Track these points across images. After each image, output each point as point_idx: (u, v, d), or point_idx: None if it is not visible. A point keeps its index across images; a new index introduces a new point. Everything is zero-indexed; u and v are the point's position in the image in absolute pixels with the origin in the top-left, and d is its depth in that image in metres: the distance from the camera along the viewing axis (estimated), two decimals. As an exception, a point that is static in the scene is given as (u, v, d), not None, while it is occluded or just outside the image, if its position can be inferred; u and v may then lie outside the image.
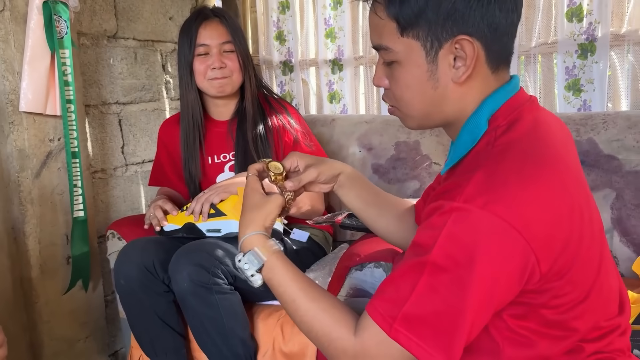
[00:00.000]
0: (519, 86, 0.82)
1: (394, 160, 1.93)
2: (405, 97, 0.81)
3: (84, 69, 1.89)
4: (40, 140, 1.66)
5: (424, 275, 0.69)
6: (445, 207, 0.69)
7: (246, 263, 0.85)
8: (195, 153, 1.65)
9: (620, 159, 1.58)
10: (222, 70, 1.57)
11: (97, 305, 1.89)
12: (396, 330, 0.70)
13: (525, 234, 0.66)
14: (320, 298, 0.81)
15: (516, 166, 0.70)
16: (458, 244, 0.67)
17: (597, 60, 1.81)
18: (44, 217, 1.68)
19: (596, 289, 0.76)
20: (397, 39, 0.77)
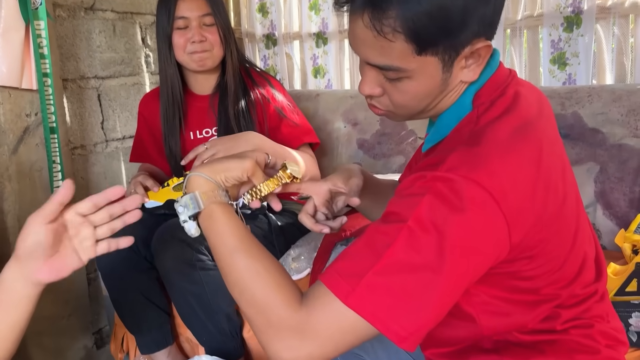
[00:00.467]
0: (499, 61, 0.81)
1: (379, 136, 1.91)
2: (408, 105, 0.77)
3: (61, 41, 1.83)
4: (17, 115, 1.61)
5: (398, 240, 0.65)
6: (428, 177, 0.67)
7: (181, 206, 0.77)
8: (175, 129, 1.61)
9: (605, 132, 1.58)
10: (202, 44, 1.52)
11: (80, 283, 1.86)
12: (355, 297, 0.64)
13: (502, 205, 0.65)
14: (264, 258, 0.73)
15: (496, 141, 0.70)
16: (438, 211, 0.65)
17: (582, 34, 1.80)
18: (22, 194, 1.64)
19: (571, 259, 0.77)
20: (412, 59, 0.70)
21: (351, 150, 1.95)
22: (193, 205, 0.77)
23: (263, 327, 0.68)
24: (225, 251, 0.74)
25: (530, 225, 0.69)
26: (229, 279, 0.74)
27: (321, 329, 0.65)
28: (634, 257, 1.30)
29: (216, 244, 0.76)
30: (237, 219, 0.78)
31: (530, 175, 0.69)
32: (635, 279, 1.21)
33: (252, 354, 1.45)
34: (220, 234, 0.76)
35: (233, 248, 0.74)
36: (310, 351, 0.66)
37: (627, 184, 1.54)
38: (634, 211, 1.51)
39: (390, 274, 0.64)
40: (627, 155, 1.54)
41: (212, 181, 0.79)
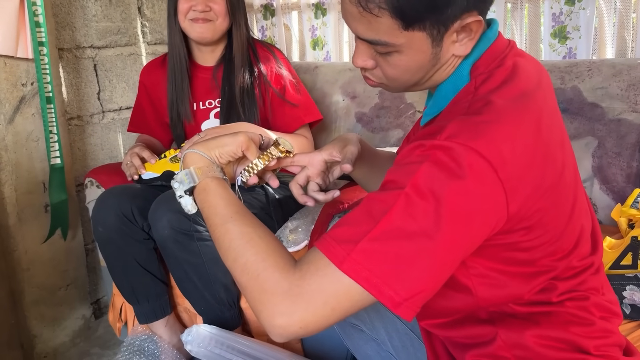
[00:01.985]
0: (497, 32, 0.80)
1: (377, 109, 1.90)
2: (400, 79, 0.77)
3: (56, 10, 1.80)
4: (12, 84, 1.59)
5: (395, 206, 0.64)
6: (427, 145, 0.67)
7: (176, 182, 0.80)
8: (183, 96, 1.60)
9: (604, 107, 1.57)
10: (205, 13, 1.51)
11: (78, 253, 1.87)
12: (350, 262, 0.63)
13: (501, 174, 0.65)
14: (257, 226, 0.73)
15: (495, 110, 0.69)
16: (436, 178, 0.64)
17: (584, 7, 1.78)
18: (19, 164, 1.64)
19: (568, 231, 0.77)
20: (400, 34, 0.71)
21: (350, 124, 1.94)
22: (188, 180, 0.80)
23: (256, 293, 0.67)
24: (219, 221, 0.75)
25: (528, 194, 0.69)
26: (222, 248, 0.73)
27: (315, 294, 0.64)
28: (630, 231, 1.31)
29: (210, 214, 0.77)
30: (230, 192, 0.79)
31: (529, 144, 0.69)
32: (630, 253, 1.22)
33: (250, 324, 1.47)
34: (214, 206, 0.77)
35: (226, 217, 0.75)
36: (303, 316, 0.64)
37: (624, 159, 1.54)
38: (631, 186, 1.52)
39: (386, 240, 0.63)
40: (625, 130, 1.54)
41: (207, 157, 0.82)
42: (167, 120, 1.71)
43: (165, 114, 1.69)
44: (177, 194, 0.80)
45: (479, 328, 0.81)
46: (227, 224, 0.74)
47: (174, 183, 0.80)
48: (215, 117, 1.63)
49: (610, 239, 1.30)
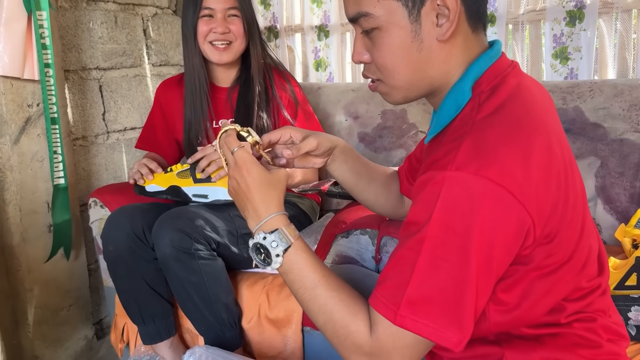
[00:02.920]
0: (500, 52, 0.82)
1: (380, 129, 1.91)
2: (389, 64, 0.79)
3: (63, 32, 1.83)
4: (19, 105, 1.61)
5: (423, 252, 0.67)
6: (437, 177, 0.68)
7: (274, 241, 0.79)
8: (201, 117, 1.62)
9: (606, 127, 1.58)
10: (224, 35, 1.54)
11: (80, 273, 1.87)
12: (402, 317, 0.67)
13: (519, 196, 0.66)
14: (340, 288, 0.78)
15: (502, 131, 0.70)
16: (454, 213, 0.66)
17: (585, 28, 1.80)
18: (24, 184, 1.65)
19: (579, 251, 0.77)
20: (377, 3, 0.76)
21: (352, 144, 1.95)
22: (286, 241, 0.80)
23: (347, 354, 0.75)
24: (309, 285, 0.79)
25: (549, 214, 0.70)
26: (312, 311, 0.79)
27: (391, 351, 0.71)
28: (634, 251, 1.30)
29: (299, 277, 0.80)
30: (312, 250, 0.83)
31: (542, 165, 0.69)
32: (635, 273, 1.22)
33: (251, 345, 1.46)
34: (305, 269, 0.80)
35: (315, 282, 0.79)
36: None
37: (627, 178, 1.54)
38: (634, 206, 1.51)
39: (425, 287, 0.67)
40: (628, 150, 1.54)
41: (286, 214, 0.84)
42: (177, 138, 1.72)
43: (176, 132, 1.71)
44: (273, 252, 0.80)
45: (485, 348, 0.81)
46: (316, 289, 0.78)
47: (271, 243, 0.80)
48: None
49: (615, 259, 1.29)
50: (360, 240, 1.35)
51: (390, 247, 1.29)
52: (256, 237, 0.81)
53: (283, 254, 0.80)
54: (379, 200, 1.15)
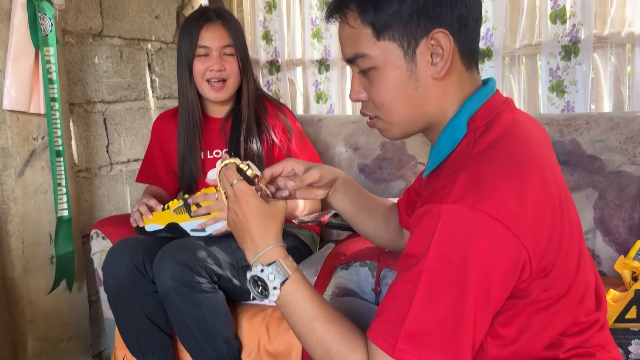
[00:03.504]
0: (495, 89, 0.85)
1: (380, 160, 1.93)
2: (387, 102, 0.81)
3: (69, 67, 1.87)
4: (24, 138, 1.64)
5: (420, 284, 0.68)
6: (434, 210, 0.69)
7: (271, 273, 0.80)
8: (194, 151, 1.66)
9: (603, 159, 1.60)
10: (220, 73, 1.58)
11: (81, 305, 1.87)
12: (400, 350, 0.68)
13: (515, 230, 0.67)
14: (337, 320, 0.79)
15: (498, 165, 0.71)
16: (451, 245, 0.67)
17: (580, 62, 1.83)
18: (27, 216, 1.67)
19: (576, 284, 0.77)
20: (374, 44, 0.78)
21: (352, 175, 1.96)
22: (284, 274, 0.80)
23: None
24: (307, 318, 0.79)
25: (544, 247, 0.71)
26: (309, 344, 0.79)
27: None
28: (634, 283, 1.30)
29: (297, 310, 0.80)
30: (309, 282, 0.83)
31: (537, 198, 0.70)
32: (635, 306, 1.22)
33: (252, 378, 1.45)
34: (303, 302, 0.80)
35: (313, 315, 0.79)
36: None
37: (626, 210, 1.55)
38: (634, 238, 1.52)
39: (422, 321, 0.68)
40: (625, 182, 1.56)
41: (284, 246, 0.84)
42: (175, 170, 1.75)
43: (174, 164, 1.73)
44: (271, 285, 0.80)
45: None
46: (314, 322, 0.78)
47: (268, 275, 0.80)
48: None
49: (615, 291, 1.29)
50: (359, 272, 1.36)
51: (389, 280, 1.29)
52: (254, 269, 0.82)
53: (280, 286, 0.80)
54: (379, 232, 1.16)
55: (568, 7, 1.83)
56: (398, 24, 0.76)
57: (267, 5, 2.39)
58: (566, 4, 1.83)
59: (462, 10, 0.77)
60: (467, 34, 0.79)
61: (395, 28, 0.77)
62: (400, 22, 0.76)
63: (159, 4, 2.22)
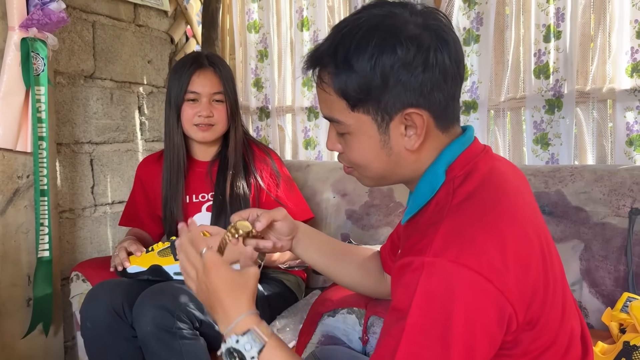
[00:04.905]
0: (473, 137, 0.85)
1: (367, 207, 1.93)
2: (360, 162, 0.83)
3: (59, 107, 1.87)
4: (8, 176, 1.62)
5: (403, 340, 0.67)
6: (416, 263, 0.69)
7: (247, 343, 0.78)
8: (177, 193, 1.65)
9: (588, 210, 1.61)
10: (208, 119, 1.59)
11: (56, 351, 1.80)
12: None
13: (498, 284, 0.66)
14: None
15: (476, 218, 0.71)
16: (434, 301, 0.66)
17: (563, 116, 1.88)
18: (6, 256, 1.62)
19: (562, 333, 0.77)
20: (348, 114, 0.78)
21: (340, 221, 1.96)
22: (260, 342, 0.78)
23: None
24: None
25: (530, 299, 0.70)
26: None
27: None
28: (622, 335, 1.29)
29: None
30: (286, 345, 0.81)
31: (518, 251, 0.70)
32: (624, 358, 1.20)
33: None
34: None
35: None
36: None
37: (611, 262, 1.55)
38: (620, 290, 1.52)
39: None
40: (610, 234, 1.57)
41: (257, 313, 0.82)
42: (159, 214, 1.73)
43: (157, 208, 1.71)
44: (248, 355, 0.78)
45: None
46: None
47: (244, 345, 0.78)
48: (207, 210, 1.66)
49: (603, 343, 1.28)
50: (347, 319, 1.33)
51: (377, 328, 1.27)
52: (228, 341, 0.79)
53: (258, 355, 0.77)
54: (355, 279, 1.15)
55: (551, 62, 1.89)
56: (371, 100, 0.76)
57: (259, 53, 2.44)
58: (549, 60, 1.89)
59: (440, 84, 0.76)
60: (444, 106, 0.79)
61: (368, 103, 0.76)
62: (373, 98, 0.76)
63: (152, 49, 2.26)
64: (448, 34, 0.78)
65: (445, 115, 0.80)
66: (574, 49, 1.84)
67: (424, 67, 0.74)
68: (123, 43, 2.12)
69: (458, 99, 0.82)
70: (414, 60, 0.74)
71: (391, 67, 0.73)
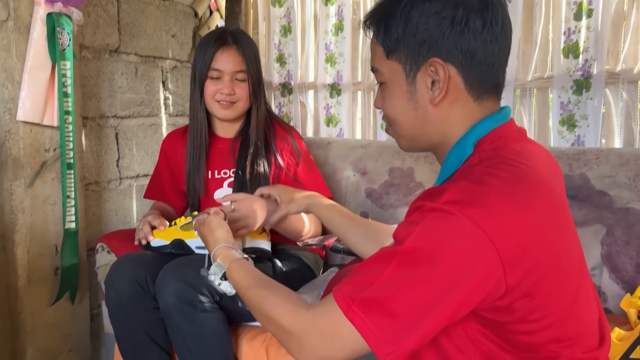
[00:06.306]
0: (509, 117, 0.85)
1: (387, 186, 1.93)
2: (391, 116, 0.88)
3: (84, 81, 1.90)
4: (36, 149, 1.66)
5: (392, 264, 0.71)
6: (426, 207, 0.72)
7: (211, 274, 1.04)
8: (199, 168, 1.68)
9: (612, 195, 1.59)
10: (230, 96, 1.60)
11: (82, 318, 1.87)
12: (353, 312, 0.71)
13: (497, 244, 0.68)
14: (271, 285, 0.90)
15: (499, 182, 0.73)
16: (429, 240, 0.70)
17: (591, 97, 1.84)
18: (34, 227, 1.68)
19: (574, 317, 0.77)
20: (385, 62, 0.85)
21: (359, 199, 1.97)
22: (220, 269, 1.03)
23: (283, 338, 0.80)
24: (244, 292, 0.93)
25: (527, 269, 0.71)
26: (254, 312, 0.89)
27: (324, 330, 0.74)
28: (639, 322, 1.28)
29: (238, 289, 0.97)
30: (249, 266, 1.01)
31: (529, 220, 0.71)
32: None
33: (249, 401, 1.43)
34: (238, 282, 0.97)
35: (247, 288, 0.93)
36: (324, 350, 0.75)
37: (633, 248, 1.53)
38: (640, 276, 1.50)
39: (383, 294, 0.71)
40: (634, 219, 1.54)
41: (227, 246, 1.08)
42: (183, 188, 1.76)
43: (181, 182, 1.74)
44: (215, 283, 1.03)
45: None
46: (249, 293, 0.91)
47: (211, 276, 1.04)
48: (229, 187, 1.68)
49: (620, 330, 1.27)
50: (362, 298, 1.35)
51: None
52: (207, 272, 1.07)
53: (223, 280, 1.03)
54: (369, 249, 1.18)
55: (581, 42, 1.84)
56: (403, 48, 0.82)
57: (282, 28, 2.43)
58: (579, 39, 1.84)
59: (470, 43, 0.79)
60: (474, 66, 0.80)
61: (401, 51, 0.82)
62: (404, 46, 0.81)
63: (176, 23, 2.26)
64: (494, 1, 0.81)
65: (478, 79, 0.81)
66: (605, 27, 1.79)
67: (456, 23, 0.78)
68: (147, 17, 2.13)
69: (497, 67, 0.83)
70: (445, 13, 0.78)
71: (423, 17, 0.79)
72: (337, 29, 2.29)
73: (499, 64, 0.83)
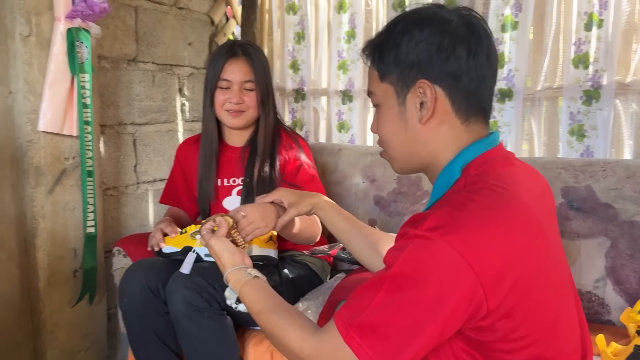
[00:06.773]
0: (497, 142, 0.89)
1: (395, 194, 1.96)
2: (384, 138, 0.93)
3: (103, 90, 1.97)
4: (56, 158, 1.74)
5: (382, 289, 0.76)
6: (410, 233, 0.77)
7: (227, 299, 1.13)
8: (210, 175, 1.74)
9: (617, 208, 1.59)
10: (238, 105, 1.66)
11: (100, 318, 1.95)
12: (351, 337, 0.76)
13: (476, 268, 0.72)
14: (279, 310, 0.95)
15: (479, 208, 0.77)
16: (413, 265, 0.75)
17: (601, 108, 1.84)
18: (54, 231, 1.76)
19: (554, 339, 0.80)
20: (379, 84, 0.90)
21: (367, 206, 2.00)
22: (233, 295, 1.11)
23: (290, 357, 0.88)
24: (256, 317, 0.98)
25: (507, 291, 0.75)
26: (265, 335, 0.97)
27: (329, 355, 0.80)
28: (636, 337, 1.29)
29: (250, 313, 1.01)
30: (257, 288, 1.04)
31: (507, 244, 0.75)
32: (634, 362, 1.21)
33: (255, 404, 1.48)
34: (250, 307, 1.02)
35: (258, 313, 0.98)
36: None
37: (637, 261, 1.53)
38: (644, 289, 1.51)
39: (375, 319, 0.76)
40: (638, 232, 1.55)
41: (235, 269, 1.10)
42: (195, 194, 1.82)
43: (194, 188, 1.80)
44: (233, 306, 1.14)
45: None
46: (260, 318, 0.97)
47: (227, 301, 1.15)
48: (238, 195, 1.73)
49: (616, 344, 1.29)
50: (363, 308, 1.39)
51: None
52: None
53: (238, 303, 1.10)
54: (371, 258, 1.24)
55: (591, 52, 1.84)
56: (395, 70, 0.87)
57: (296, 35, 2.47)
58: (589, 50, 1.84)
59: (456, 67, 0.83)
60: (461, 90, 0.85)
61: (393, 74, 0.87)
62: (396, 69, 0.86)
63: (193, 32, 2.32)
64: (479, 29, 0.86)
65: (466, 103, 0.86)
66: (615, 38, 1.78)
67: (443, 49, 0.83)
68: (164, 26, 2.19)
69: (483, 94, 0.87)
70: (433, 40, 0.83)
71: (413, 42, 0.84)
72: (350, 37, 2.32)
73: (484, 90, 0.87)
